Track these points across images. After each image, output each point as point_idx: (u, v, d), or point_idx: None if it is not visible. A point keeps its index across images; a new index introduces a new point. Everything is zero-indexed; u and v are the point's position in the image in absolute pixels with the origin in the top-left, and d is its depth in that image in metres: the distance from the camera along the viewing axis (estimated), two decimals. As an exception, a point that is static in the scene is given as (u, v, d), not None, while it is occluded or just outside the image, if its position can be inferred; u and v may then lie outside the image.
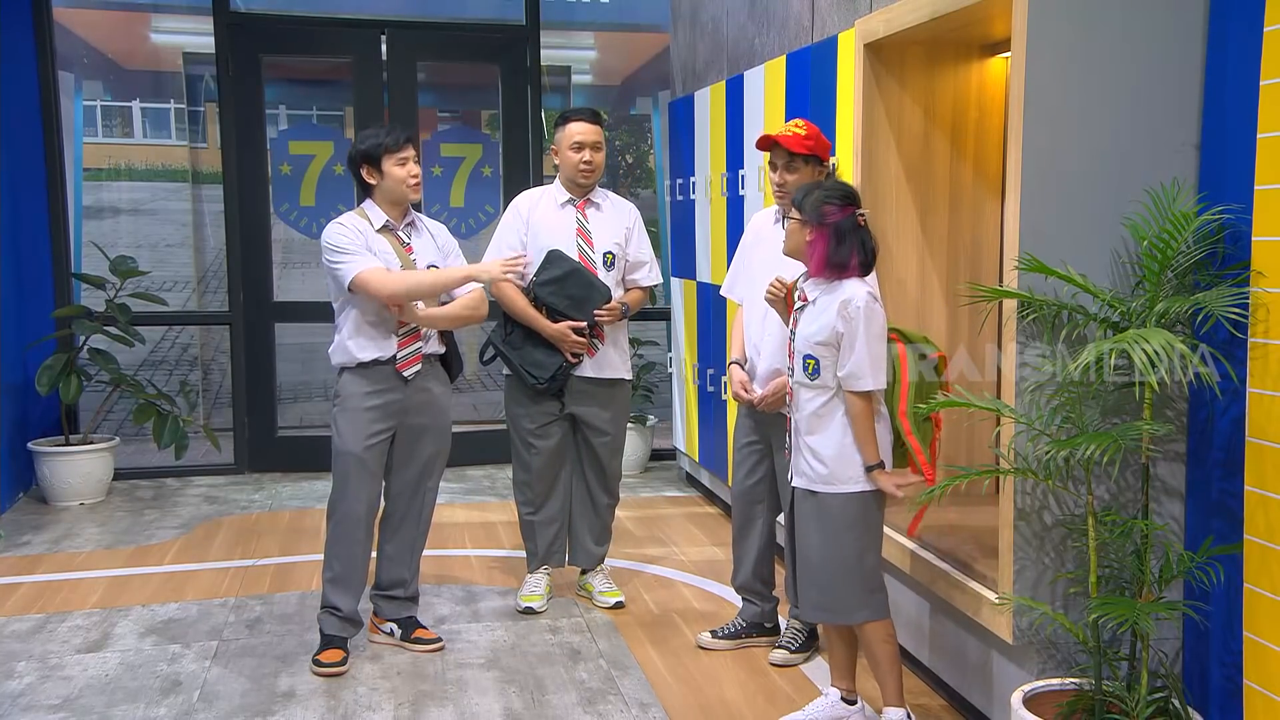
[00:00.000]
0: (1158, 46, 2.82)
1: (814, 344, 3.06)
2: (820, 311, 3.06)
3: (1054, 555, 2.94)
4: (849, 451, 3.07)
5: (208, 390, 7.97)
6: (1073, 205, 2.84)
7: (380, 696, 3.57)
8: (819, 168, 3.56)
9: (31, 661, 3.83)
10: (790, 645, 3.82)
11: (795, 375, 3.15)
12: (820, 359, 3.06)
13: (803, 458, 3.15)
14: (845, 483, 3.08)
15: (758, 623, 3.96)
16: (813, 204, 3.07)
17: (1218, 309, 2.46)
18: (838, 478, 3.08)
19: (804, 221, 3.08)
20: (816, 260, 3.07)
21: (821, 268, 3.07)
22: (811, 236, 3.06)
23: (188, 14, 7.54)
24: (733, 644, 3.94)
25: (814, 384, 3.09)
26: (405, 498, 3.90)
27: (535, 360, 4.15)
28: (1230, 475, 2.64)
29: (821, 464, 3.09)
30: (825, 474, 3.09)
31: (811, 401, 3.10)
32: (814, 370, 3.07)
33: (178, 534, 5.38)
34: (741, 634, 3.95)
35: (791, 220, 3.13)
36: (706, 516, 5.67)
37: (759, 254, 3.72)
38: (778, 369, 3.62)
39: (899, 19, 3.46)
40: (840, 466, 3.08)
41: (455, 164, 6.84)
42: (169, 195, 8.15)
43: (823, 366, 3.06)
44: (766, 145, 3.57)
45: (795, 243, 3.13)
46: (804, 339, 3.10)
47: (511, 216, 4.25)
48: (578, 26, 8.72)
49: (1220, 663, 2.71)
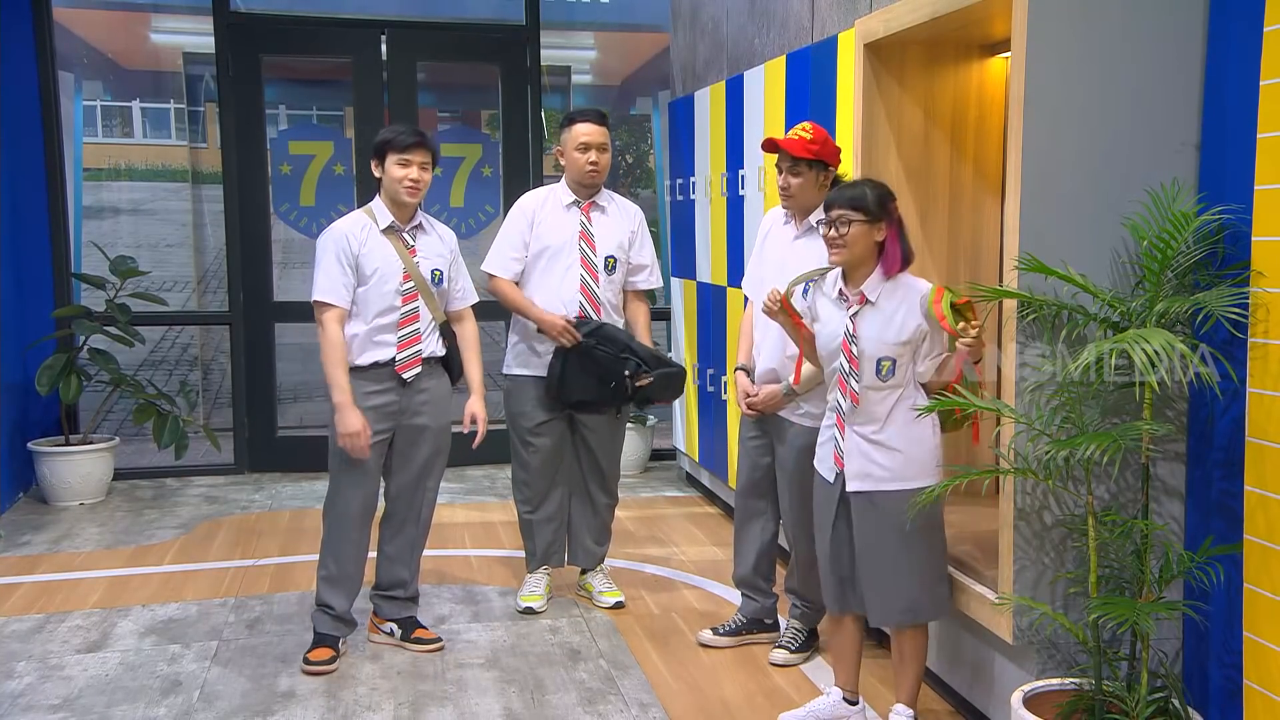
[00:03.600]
0: (1158, 46, 2.82)
1: (893, 345, 2.99)
2: (893, 311, 3.01)
3: (1054, 555, 2.94)
4: (925, 446, 3.04)
5: (208, 390, 7.96)
6: (1073, 205, 2.84)
7: (380, 696, 3.57)
8: (824, 172, 3.54)
9: (31, 661, 3.83)
10: (790, 645, 3.82)
11: (864, 380, 3.04)
12: (898, 359, 3.00)
13: (868, 459, 3.07)
14: (919, 477, 3.03)
15: (758, 619, 3.96)
16: (877, 202, 3.01)
17: (1218, 309, 2.46)
18: (913, 473, 3.03)
19: (873, 221, 3.02)
20: (894, 257, 3.02)
21: (899, 264, 3.03)
22: (884, 235, 3.03)
23: (188, 14, 7.53)
24: (734, 640, 3.94)
25: (886, 384, 3.03)
26: (405, 498, 3.89)
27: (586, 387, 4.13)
28: (1230, 475, 2.64)
29: (894, 461, 3.03)
30: (901, 471, 3.03)
31: (883, 402, 3.04)
32: (889, 371, 3.01)
33: (178, 534, 5.38)
34: (742, 630, 3.96)
35: (853, 223, 3.01)
36: (706, 516, 5.67)
37: (769, 253, 3.72)
38: (773, 369, 3.62)
39: (899, 19, 3.46)
40: (915, 462, 3.04)
41: (455, 164, 6.84)
42: (169, 195, 8.14)
43: (899, 366, 3.01)
44: (770, 148, 3.57)
45: (864, 246, 3.03)
46: (877, 342, 3.01)
47: (517, 215, 4.25)
48: (578, 26, 8.72)
49: (1220, 663, 2.71)
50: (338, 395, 3.66)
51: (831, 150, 3.55)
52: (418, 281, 3.76)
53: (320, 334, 3.69)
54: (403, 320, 3.74)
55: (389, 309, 3.72)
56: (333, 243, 3.69)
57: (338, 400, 3.66)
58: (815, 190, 3.54)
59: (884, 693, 3.49)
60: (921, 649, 3.15)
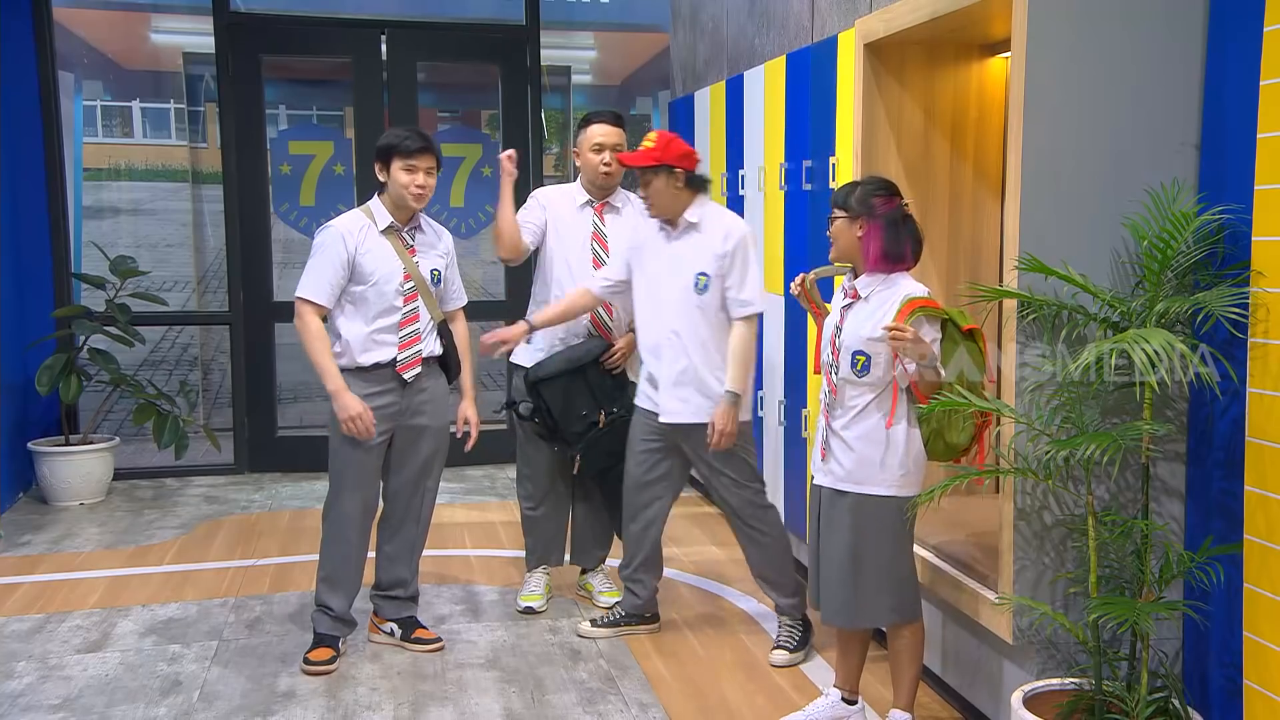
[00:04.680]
0: (1157, 46, 2.82)
1: (866, 340, 3.00)
2: (875, 308, 3.01)
3: (1054, 555, 2.94)
4: (887, 452, 3.02)
5: (207, 390, 7.97)
6: (1073, 205, 2.84)
7: (380, 696, 3.57)
8: (672, 175, 3.68)
9: (31, 661, 3.83)
10: (789, 644, 3.82)
11: (840, 372, 3.07)
12: (872, 356, 3.00)
13: (835, 457, 3.10)
14: (878, 484, 3.03)
15: (638, 613, 4.04)
16: (860, 198, 3.02)
17: (1218, 309, 2.46)
18: (871, 478, 3.04)
19: (852, 217, 3.03)
20: (872, 255, 3.01)
21: (878, 262, 3.02)
22: (863, 232, 3.02)
23: (188, 14, 7.54)
24: (612, 632, 4.01)
25: (861, 381, 3.03)
26: (404, 498, 3.89)
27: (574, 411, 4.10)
28: (1230, 475, 2.64)
29: (856, 463, 3.04)
30: (858, 473, 3.04)
31: (856, 399, 3.05)
32: (864, 367, 3.01)
33: (177, 534, 5.38)
34: (621, 623, 4.04)
35: (837, 220, 3.07)
36: (706, 516, 5.67)
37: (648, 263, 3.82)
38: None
39: (899, 19, 3.46)
40: (875, 467, 3.03)
41: (455, 164, 6.84)
42: (169, 195, 8.15)
43: (874, 364, 3.00)
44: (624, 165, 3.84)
45: (846, 242, 3.06)
46: (856, 336, 3.03)
47: (532, 202, 4.24)
48: (577, 26, 8.73)
49: (1220, 663, 2.71)
50: (331, 383, 3.66)
51: (675, 153, 3.69)
52: (418, 281, 3.76)
53: (299, 326, 3.67)
54: (404, 320, 3.74)
55: (390, 309, 3.72)
56: (330, 242, 3.67)
57: (332, 387, 3.66)
58: (671, 193, 3.71)
59: (885, 694, 3.49)
60: (914, 650, 3.14)
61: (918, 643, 3.15)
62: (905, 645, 3.14)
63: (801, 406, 4.37)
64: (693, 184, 3.73)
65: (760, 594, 4.46)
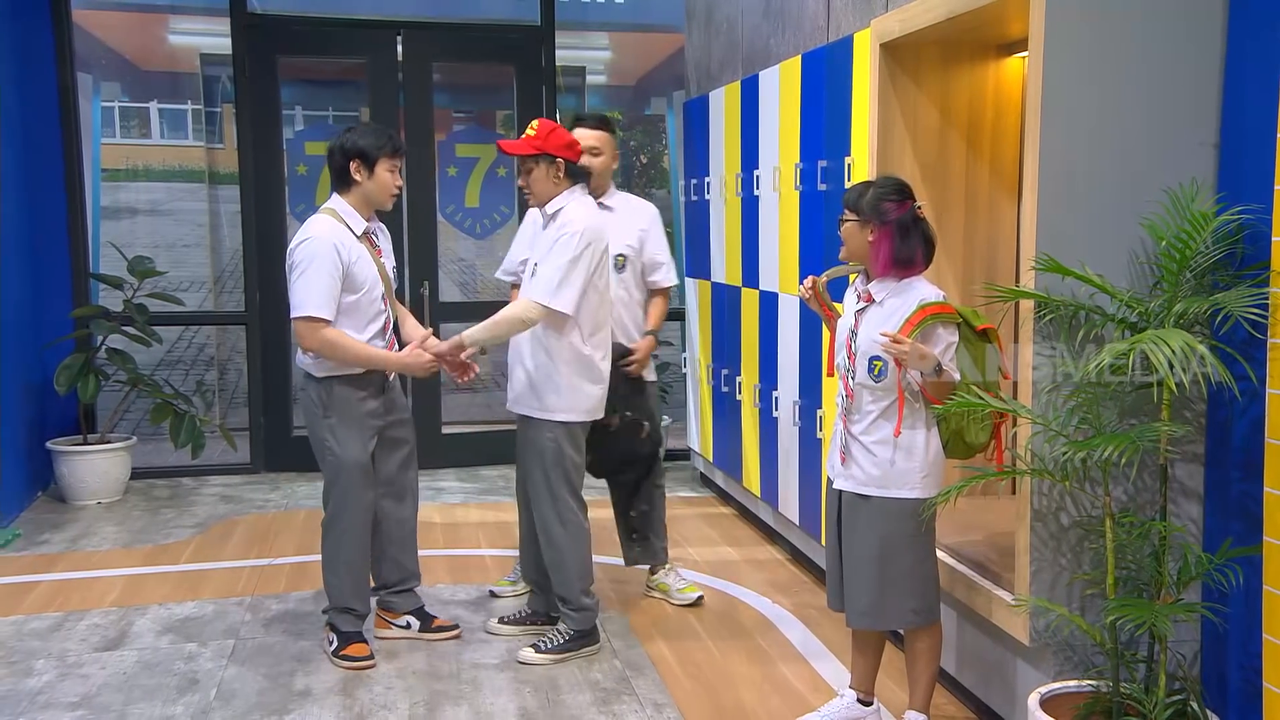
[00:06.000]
0: (1176, 45, 2.81)
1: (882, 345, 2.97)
2: (890, 313, 2.99)
3: (1071, 556, 2.93)
4: (909, 455, 3.01)
5: (224, 390, 8.00)
6: (1090, 205, 2.83)
7: (396, 695, 3.58)
8: (552, 165, 3.71)
9: (50, 659, 3.85)
10: (540, 645, 3.87)
11: (857, 377, 3.05)
12: (888, 360, 2.98)
13: (855, 462, 3.08)
14: (901, 487, 3.02)
15: (544, 611, 4.08)
16: (871, 202, 3.00)
17: (1237, 309, 2.45)
18: (894, 481, 3.02)
19: (863, 221, 3.01)
20: (883, 259, 3.00)
21: (889, 266, 3.00)
22: (874, 236, 3.00)
23: (205, 15, 7.57)
24: (519, 629, 4.06)
25: (879, 385, 3.01)
26: (396, 490, 3.94)
27: None
28: (1249, 477, 2.62)
29: (878, 467, 3.03)
30: (880, 477, 3.03)
31: (874, 404, 3.04)
32: (881, 371, 3.00)
33: (194, 533, 5.41)
34: (527, 620, 4.09)
35: (847, 222, 3.05)
36: (721, 517, 5.67)
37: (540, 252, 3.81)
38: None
39: (914, 19, 3.45)
40: (897, 471, 3.02)
41: (470, 164, 6.85)
42: (186, 196, 8.19)
43: (890, 368, 2.98)
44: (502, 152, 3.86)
45: (856, 244, 3.05)
46: (871, 341, 3.00)
47: (523, 226, 4.34)
48: (592, 27, 8.73)
49: (1239, 665, 2.69)
50: (389, 364, 3.75)
51: (557, 142, 3.71)
52: (385, 282, 3.78)
53: (324, 347, 3.64)
54: (385, 323, 3.77)
55: (378, 315, 3.75)
56: (324, 253, 3.60)
57: (396, 364, 3.76)
58: (550, 182, 3.74)
59: (900, 695, 3.48)
60: (932, 652, 3.14)
61: (936, 644, 3.14)
62: (924, 647, 3.13)
63: (816, 408, 4.36)
64: (573, 174, 3.77)
65: (774, 594, 4.46)
